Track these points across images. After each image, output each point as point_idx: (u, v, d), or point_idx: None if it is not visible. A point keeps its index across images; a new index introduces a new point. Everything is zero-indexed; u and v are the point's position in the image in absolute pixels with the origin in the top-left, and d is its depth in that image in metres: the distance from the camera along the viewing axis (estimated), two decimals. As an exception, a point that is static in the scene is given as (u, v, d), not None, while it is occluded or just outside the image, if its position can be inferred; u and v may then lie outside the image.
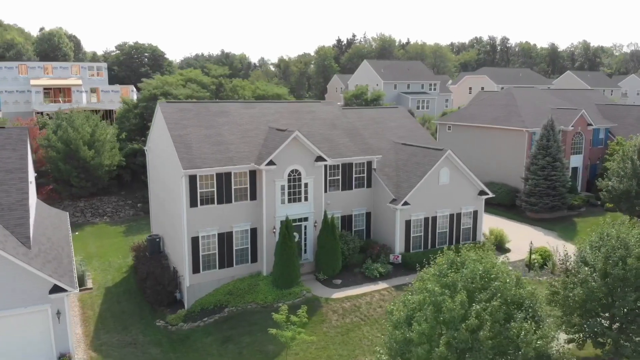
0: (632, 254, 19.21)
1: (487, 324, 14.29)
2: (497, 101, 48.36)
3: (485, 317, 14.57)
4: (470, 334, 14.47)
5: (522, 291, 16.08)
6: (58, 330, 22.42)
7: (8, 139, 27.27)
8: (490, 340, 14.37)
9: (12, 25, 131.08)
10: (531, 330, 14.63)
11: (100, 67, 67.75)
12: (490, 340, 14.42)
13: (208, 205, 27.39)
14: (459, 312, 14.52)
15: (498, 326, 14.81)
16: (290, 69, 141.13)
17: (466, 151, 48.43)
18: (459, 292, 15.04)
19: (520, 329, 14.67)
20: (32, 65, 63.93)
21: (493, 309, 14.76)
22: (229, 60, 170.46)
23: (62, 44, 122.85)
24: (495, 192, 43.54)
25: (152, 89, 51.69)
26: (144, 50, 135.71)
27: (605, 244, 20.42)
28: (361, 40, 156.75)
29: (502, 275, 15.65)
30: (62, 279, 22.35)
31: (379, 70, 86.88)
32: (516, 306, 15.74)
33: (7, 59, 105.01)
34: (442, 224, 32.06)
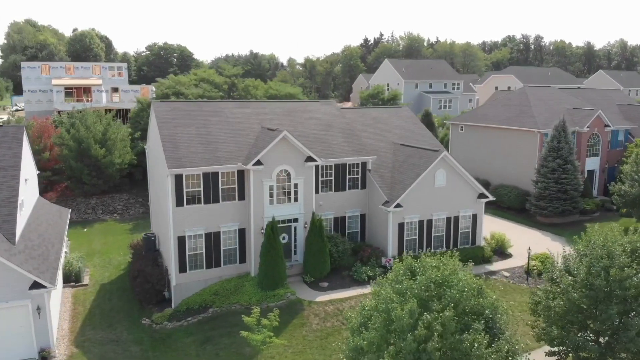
0: (616, 264, 18.07)
1: (435, 335, 13.60)
2: (510, 101, 46.83)
3: (436, 327, 13.87)
4: (418, 345, 13.80)
5: (484, 301, 15.27)
6: (39, 325, 22.81)
7: (4, 137, 27.90)
8: (438, 352, 13.69)
9: (47, 27, 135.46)
10: (483, 343, 13.85)
11: (120, 67, 69.06)
12: (439, 351, 13.73)
13: (195, 204, 27.37)
14: (407, 322, 13.88)
15: (451, 337, 14.09)
16: (316, 68, 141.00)
17: (478, 152, 47.15)
18: (408, 300, 14.38)
19: (474, 340, 13.92)
20: (54, 65, 65.75)
21: (445, 319, 14.05)
22: (257, 60, 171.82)
23: (93, 45, 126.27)
24: (505, 195, 42.31)
25: (165, 89, 52.34)
26: (173, 50, 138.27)
27: (590, 252, 19.31)
28: (388, 39, 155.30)
29: (459, 284, 14.87)
30: (43, 275, 22.71)
31: (400, 69, 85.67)
32: (476, 317, 14.96)
33: (39, 59, 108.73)
34: (438, 227, 31.15)
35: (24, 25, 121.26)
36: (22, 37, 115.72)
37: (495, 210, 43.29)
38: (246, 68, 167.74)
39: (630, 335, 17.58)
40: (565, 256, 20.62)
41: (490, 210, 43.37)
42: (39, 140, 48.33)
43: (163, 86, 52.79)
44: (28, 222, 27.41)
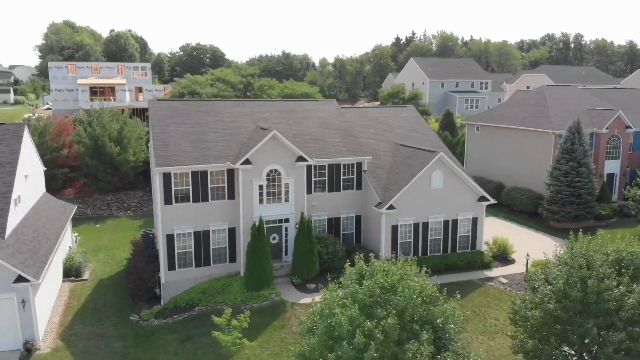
0: (593, 274, 16.95)
1: (372, 343, 13.01)
2: (527, 101, 45.10)
3: (376, 335, 13.29)
4: (356, 353, 13.26)
5: (435, 309, 14.55)
6: (24, 317, 23.37)
7: (5, 134, 28.76)
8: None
9: (85, 28, 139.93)
10: (426, 353, 13.17)
11: (144, 67, 70.54)
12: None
13: (183, 203, 27.47)
14: (347, 329, 13.35)
15: (393, 347, 13.48)
16: (346, 68, 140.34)
17: (493, 153, 45.68)
18: (351, 305, 13.85)
19: (417, 351, 13.26)
20: (80, 65, 67.77)
21: (387, 326, 13.45)
22: (288, 60, 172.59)
23: (128, 46, 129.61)
24: (518, 199, 40.85)
25: (181, 88, 53.07)
26: (205, 51, 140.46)
27: (571, 261, 18.22)
28: (421, 38, 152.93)
29: (406, 291, 14.20)
30: (27, 269, 23.23)
31: (426, 68, 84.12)
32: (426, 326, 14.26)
33: (76, 59, 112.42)
34: (435, 231, 30.23)
35: (61, 26, 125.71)
36: (60, 38, 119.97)
37: (508, 214, 41.83)
38: (278, 68, 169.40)
39: (607, 351, 16.44)
40: (548, 264, 19.56)
41: (503, 214, 41.97)
42: (58, 138, 49.86)
43: (179, 85, 53.56)
44: (26, 217, 28.18)
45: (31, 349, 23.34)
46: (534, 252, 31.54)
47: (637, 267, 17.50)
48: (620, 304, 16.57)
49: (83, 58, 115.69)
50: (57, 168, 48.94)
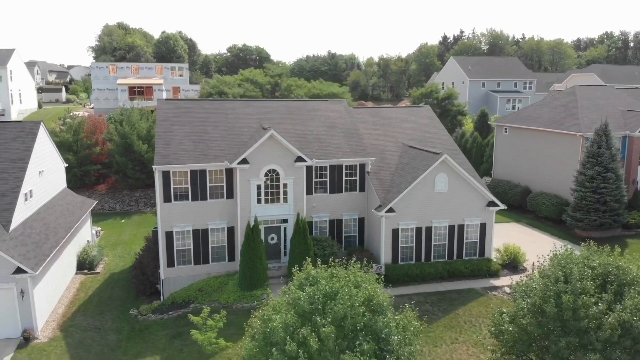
0: (568, 289, 15.75)
1: (300, 352, 12.59)
2: (557, 101, 42.79)
3: (310, 343, 12.87)
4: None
5: (381, 319, 13.91)
6: (23, 307, 24.40)
7: (21, 132, 30.17)
8: (309, 372, 12.70)
9: (138, 29, 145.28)
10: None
11: (181, 68, 72.39)
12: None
13: (182, 201, 27.86)
14: (279, 335, 13.00)
15: (329, 356, 13.01)
16: (390, 67, 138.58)
17: (520, 156, 43.70)
18: (287, 312, 13.48)
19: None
20: (121, 66, 70.37)
21: (323, 335, 12.99)
22: (333, 60, 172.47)
23: (177, 47, 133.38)
24: (543, 204, 38.96)
25: (210, 88, 54.05)
26: (251, 52, 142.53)
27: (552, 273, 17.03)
28: (469, 36, 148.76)
29: (346, 298, 13.65)
30: (27, 261, 24.24)
31: (466, 67, 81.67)
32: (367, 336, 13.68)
33: (127, 60, 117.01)
34: (439, 236, 29.18)
35: (114, 28, 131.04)
36: (112, 40, 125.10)
37: (532, 221, 39.89)
38: (323, 68, 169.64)
39: (581, 373, 15.26)
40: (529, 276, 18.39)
41: (527, 220, 40.09)
42: (92, 136, 52.00)
43: (208, 85, 54.55)
44: (38, 211, 29.45)
45: (29, 338, 24.33)
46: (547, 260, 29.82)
47: (622, 284, 16.11)
48: (599, 322, 15.31)
49: (134, 59, 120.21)
50: (91, 165, 51.09)
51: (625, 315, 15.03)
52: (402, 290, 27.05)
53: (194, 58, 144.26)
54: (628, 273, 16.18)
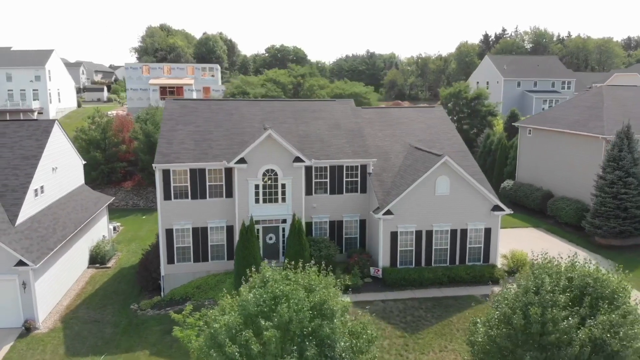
0: (536, 300, 14.94)
1: (237, 353, 12.47)
2: (583, 102, 40.82)
3: (250, 346, 12.75)
4: (229, 362, 12.80)
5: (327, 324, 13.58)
6: (25, 298, 25.44)
7: (36, 130, 31.46)
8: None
9: (180, 31, 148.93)
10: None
11: (212, 68, 73.69)
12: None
13: (182, 199, 28.29)
14: (222, 338, 12.93)
15: (271, 359, 12.84)
16: (428, 66, 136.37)
17: (543, 159, 42.02)
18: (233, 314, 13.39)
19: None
20: (153, 66, 72.32)
21: (266, 338, 12.83)
22: (372, 60, 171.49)
23: (216, 48, 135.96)
24: (563, 210, 37.35)
25: (233, 88, 54.73)
26: (288, 52, 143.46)
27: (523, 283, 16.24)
28: (512, 34, 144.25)
29: (292, 302, 13.40)
30: (29, 255, 25.23)
31: (501, 66, 79.24)
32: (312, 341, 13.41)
33: (168, 60, 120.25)
34: (440, 240, 28.38)
35: (156, 29, 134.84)
36: (154, 41, 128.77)
37: (551, 226, 38.24)
38: (361, 68, 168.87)
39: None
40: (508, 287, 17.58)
41: (546, 225, 38.49)
42: (119, 134, 53.71)
43: (232, 86, 55.22)
44: (49, 206, 30.60)
45: (30, 328, 25.34)
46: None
47: (599, 297, 15.14)
48: (570, 338, 14.45)
49: (174, 60, 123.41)
50: (117, 162, 52.81)
51: (597, 331, 14.13)
52: (397, 295, 26.49)
53: (233, 59, 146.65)
54: (606, 286, 15.20)
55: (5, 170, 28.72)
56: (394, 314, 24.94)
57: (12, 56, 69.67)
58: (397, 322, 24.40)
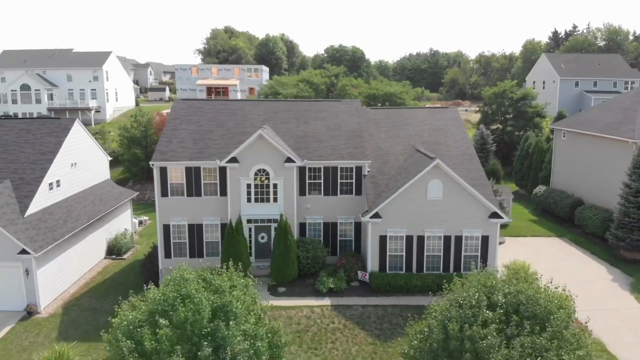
0: (454, 315, 14.05)
1: (124, 349, 12.74)
2: (619, 103, 37.64)
3: (144, 342, 12.98)
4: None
5: (223, 325, 13.50)
6: (28, 284, 27.33)
7: (57, 127, 33.63)
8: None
9: (244, 33, 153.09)
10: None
11: (257, 69, 75.20)
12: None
13: (178, 196, 29.18)
14: (119, 334, 13.30)
15: (165, 357, 13.01)
16: (492, 65, 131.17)
17: (575, 164, 39.34)
18: (136, 310, 13.70)
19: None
20: (202, 68, 74.90)
21: (159, 336, 13.00)
22: (434, 58, 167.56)
23: (276, 49, 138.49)
24: (589, 219, 34.85)
25: (267, 89, 55.60)
26: (346, 52, 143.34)
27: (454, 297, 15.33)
28: (583, 31, 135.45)
29: (190, 303, 13.45)
30: (32, 244, 27.07)
31: (558, 65, 74.67)
32: (213, 342, 13.42)
33: (229, 62, 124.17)
34: (433, 247, 27.30)
35: (219, 32, 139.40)
36: (216, 43, 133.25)
37: (577, 237, 35.64)
38: (423, 67, 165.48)
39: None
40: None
41: (571, 235, 35.96)
42: (159, 132, 56.17)
43: (266, 87, 56.09)
44: (65, 199, 32.59)
45: (32, 312, 27.17)
46: (573, 284, 26.70)
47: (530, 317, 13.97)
48: (488, 358, 13.48)
49: (235, 61, 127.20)
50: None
51: (516, 354, 13.05)
52: (380, 301, 25.84)
53: (293, 60, 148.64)
54: (538, 305, 14.01)
55: (24, 165, 30.96)
56: (370, 320, 24.33)
57: (72, 58, 74.85)
58: (372, 328, 23.79)
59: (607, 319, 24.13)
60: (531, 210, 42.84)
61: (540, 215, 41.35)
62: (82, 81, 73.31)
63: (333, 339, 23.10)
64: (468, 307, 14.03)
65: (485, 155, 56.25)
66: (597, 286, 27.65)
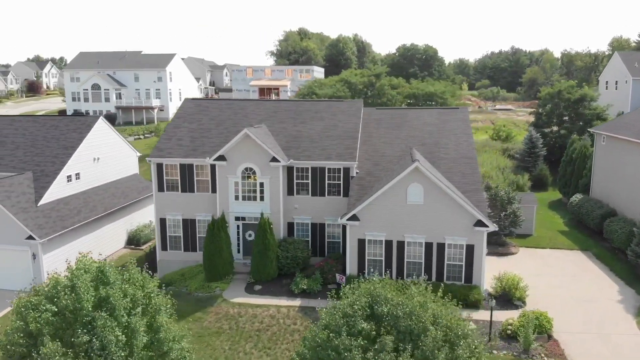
0: (328, 324, 13.48)
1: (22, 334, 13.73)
2: (662, 105, 33.61)
3: (30, 327, 13.88)
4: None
5: (104, 316, 13.99)
6: (35, 267, 29.81)
7: (82, 125, 36.29)
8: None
9: (317, 34, 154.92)
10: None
11: (309, 70, 75.87)
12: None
13: (173, 192, 30.36)
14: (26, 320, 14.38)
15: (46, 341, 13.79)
16: (575, 63, 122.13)
17: (613, 172, 35.86)
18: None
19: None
20: (256, 69, 76.88)
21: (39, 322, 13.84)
22: (515, 57, 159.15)
23: (346, 49, 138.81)
24: (616, 232, 31.75)
25: (305, 89, 56.04)
26: (417, 51, 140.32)
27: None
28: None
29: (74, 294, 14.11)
30: (39, 230, 29.48)
31: (631, 63, 68.01)
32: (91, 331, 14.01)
33: (299, 63, 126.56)
34: (414, 253, 26.14)
35: (291, 33, 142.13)
36: (288, 44, 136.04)
37: (602, 251, 32.42)
38: (503, 65, 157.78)
39: None
40: None
41: (597, 249, 32.86)
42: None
43: (305, 87, 56.54)
44: (84, 191, 35.01)
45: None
46: (575, 304, 24.84)
47: (403, 332, 13.06)
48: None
49: (305, 62, 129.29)
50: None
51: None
52: (351, 305, 25.16)
53: (363, 60, 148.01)
54: (414, 320, 13.06)
55: (47, 158, 33.74)
56: (333, 324, 23.79)
57: (140, 59, 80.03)
58: (332, 333, 23.26)
59: (591, 343, 21.80)
60: (566, 221, 39.53)
61: (573, 226, 38.06)
62: (148, 81, 78.11)
63: (290, 339, 22.91)
64: (340, 317, 13.39)
65: (533, 159, 52.73)
66: (598, 306, 25.02)
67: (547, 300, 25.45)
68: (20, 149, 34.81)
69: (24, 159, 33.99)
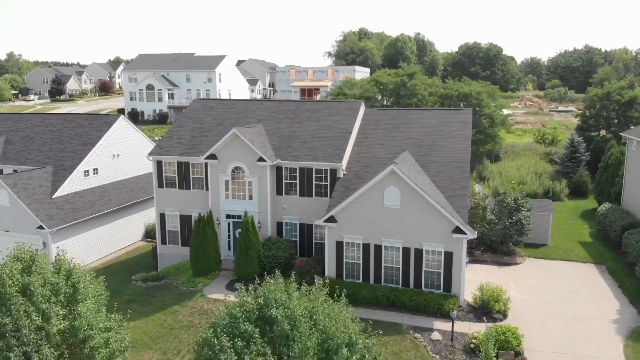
0: (215, 324, 13.53)
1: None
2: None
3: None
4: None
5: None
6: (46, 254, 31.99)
7: (103, 123, 38.53)
8: None
9: (378, 33, 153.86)
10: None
11: (350, 70, 75.56)
12: None
13: (171, 188, 31.48)
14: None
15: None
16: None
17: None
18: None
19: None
20: (299, 70, 77.62)
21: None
22: (588, 55, 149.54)
23: (404, 49, 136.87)
24: (631, 245, 29.31)
25: (336, 89, 55.88)
26: (480, 49, 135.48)
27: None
28: None
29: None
30: (49, 221, 31.66)
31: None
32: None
33: (357, 63, 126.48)
34: (391, 258, 25.44)
35: (349, 34, 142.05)
36: (346, 45, 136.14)
37: (618, 265, 30.00)
38: (575, 65, 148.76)
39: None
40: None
41: (612, 263, 30.60)
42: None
43: (336, 88, 56.41)
44: (101, 185, 37.09)
45: (47, 279, 31.76)
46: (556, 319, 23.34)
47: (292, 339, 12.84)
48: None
49: (362, 62, 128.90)
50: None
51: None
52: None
53: (424, 59, 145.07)
54: (289, 325, 12.81)
55: (68, 154, 36.13)
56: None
57: (192, 61, 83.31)
58: (295, 334, 23.18)
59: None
60: (592, 232, 36.79)
61: (598, 237, 35.36)
62: (199, 82, 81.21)
63: (252, 338, 23.09)
64: (223, 317, 13.39)
65: (573, 165, 49.53)
66: (587, 325, 23.11)
67: (531, 316, 23.92)
68: (46, 145, 37.52)
69: (48, 154, 36.59)
